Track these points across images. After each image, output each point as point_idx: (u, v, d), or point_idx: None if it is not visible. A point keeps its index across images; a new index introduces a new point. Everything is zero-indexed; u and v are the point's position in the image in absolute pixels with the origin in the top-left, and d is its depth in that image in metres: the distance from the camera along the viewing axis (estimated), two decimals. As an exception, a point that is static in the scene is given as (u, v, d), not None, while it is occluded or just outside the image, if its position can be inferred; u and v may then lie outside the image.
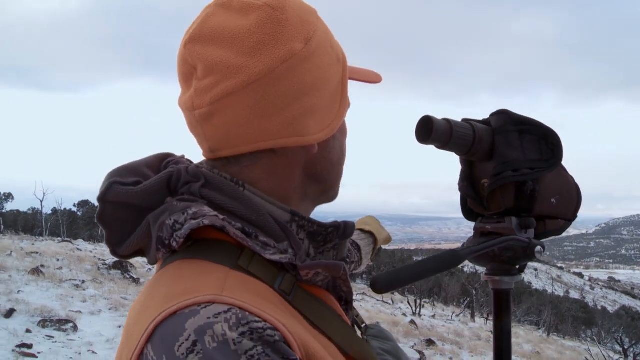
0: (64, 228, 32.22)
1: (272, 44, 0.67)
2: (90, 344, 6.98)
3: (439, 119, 0.90)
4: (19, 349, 6.19)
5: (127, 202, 0.70)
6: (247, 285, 0.64)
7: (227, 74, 0.67)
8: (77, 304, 8.89)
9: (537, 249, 0.91)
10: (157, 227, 0.67)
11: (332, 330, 0.69)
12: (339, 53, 0.76)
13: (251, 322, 0.57)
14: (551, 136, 0.94)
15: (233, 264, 0.66)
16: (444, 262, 0.80)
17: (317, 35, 0.72)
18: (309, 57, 0.70)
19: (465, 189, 1.00)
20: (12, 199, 41.21)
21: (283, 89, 0.68)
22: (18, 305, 7.88)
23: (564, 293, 68.85)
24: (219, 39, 0.68)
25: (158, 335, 0.58)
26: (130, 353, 0.60)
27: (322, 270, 0.68)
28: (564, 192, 0.97)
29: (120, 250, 0.72)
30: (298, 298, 0.68)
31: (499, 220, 0.95)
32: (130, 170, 0.74)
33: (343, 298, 0.77)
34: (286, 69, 0.68)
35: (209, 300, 0.59)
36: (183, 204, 0.68)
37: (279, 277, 0.68)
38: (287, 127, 0.70)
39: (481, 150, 0.94)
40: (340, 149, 0.81)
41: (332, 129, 0.75)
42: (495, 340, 0.96)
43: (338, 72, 0.75)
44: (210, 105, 0.68)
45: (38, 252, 13.60)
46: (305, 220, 0.73)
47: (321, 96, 0.72)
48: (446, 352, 12.15)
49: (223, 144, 0.71)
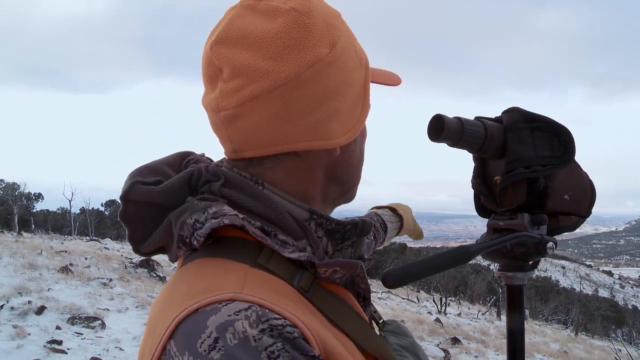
0: (92, 227, 32.80)
1: (298, 49, 0.68)
2: (118, 340, 7.09)
3: (450, 117, 0.91)
4: (49, 345, 6.33)
5: (149, 201, 0.72)
6: (266, 282, 0.65)
7: (254, 78, 0.68)
8: (104, 302, 9.04)
9: (549, 245, 0.91)
10: (179, 225, 0.69)
11: (349, 327, 0.70)
12: (362, 57, 0.77)
13: (271, 319, 0.58)
14: (563, 133, 0.94)
15: (252, 262, 0.67)
16: (454, 258, 0.81)
17: (341, 39, 0.73)
18: (334, 62, 0.71)
19: (478, 186, 1.01)
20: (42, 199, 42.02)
21: (308, 93, 0.69)
22: (48, 302, 8.05)
23: (593, 291, 67.54)
24: (246, 42, 0.69)
25: (180, 332, 0.59)
26: (152, 349, 0.62)
27: (340, 268, 0.69)
28: (577, 188, 0.97)
29: (142, 248, 0.74)
30: (316, 295, 0.69)
31: (511, 216, 0.96)
32: (152, 170, 0.76)
33: (361, 295, 0.78)
34: (312, 74, 0.68)
35: (229, 297, 0.60)
36: (203, 203, 0.69)
37: (298, 275, 0.69)
38: (311, 130, 0.71)
39: (493, 148, 0.95)
40: (360, 151, 0.82)
41: (355, 133, 0.76)
42: (509, 335, 0.97)
43: (361, 76, 0.76)
44: (236, 107, 0.69)
45: (67, 251, 13.83)
46: (324, 218, 0.74)
47: (345, 100, 0.73)
48: (472, 351, 12.03)
49: (247, 145, 0.72)
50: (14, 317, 7.27)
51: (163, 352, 0.60)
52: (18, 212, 30.24)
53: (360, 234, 0.77)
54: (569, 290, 52.99)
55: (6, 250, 11.95)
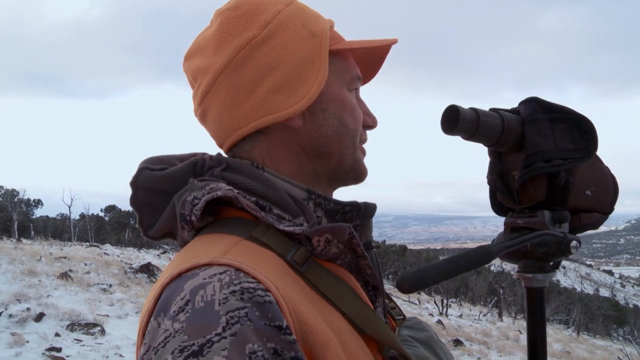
0: (92, 233, 32.75)
1: (229, 39, 0.76)
2: (118, 347, 7.05)
3: (465, 108, 0.86)
4: (48, 352, 6.28)
5: (156, 187, 0.76)
6: (254, 252, 0.66)
7: (202, 76, 0.78)
8: (104, 308, 9.00)
9: (573, 244, 0.86)
10: (180, 204, 0.72)
11: (346, 305, 0.68)
12: (314, 29, 0.79)
13: (243, 282, 0.59)
14: (585, 124, 0.89)
15: (247, 235, 0.69)
16: (474, 260, 0.75)
17: (278, 18, 0.77)
18: (267, 40, 0.76)
19: (494, 182, 0.95)
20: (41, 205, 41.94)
21: (246, 74, 0.75)
22: (47, 309, 8.00)
23: (594, 291, 67.68)
24: (197, 51, 0.80)
25: (163, 295, 0.62)
26: (144, 314, 0.65)
27: (330, 235, 0.68)
28: (599, 183, 0.92)
29: (151, 233, 0.77)
30: (312, 271, 0.69)
31: (530, 214, 0.90)
32: (161, 160, 0.80)
33: (370, 283, 0.75)
34: (243, 56, 0.75)
35: (207, 262, 0.62)
36: (202, 183, 0.73)
37: (293, 249, 0.69)
38: (259, 107, 0.75)
39: (510, 141, 0.89)
40: (337, 120, 0.79)
41: (308, 100, 0.76)
42: (530, 341, 0.91)
43: (311, 46, 0.77)
44: (200, 106, 0.80)
45: (66, 257, 13.82)
46: (322, 197, 0.76)
47: (287, 72, 0.76)
48: (474, 352, 12.00)
49: (222, 135, 0.80)
50: (12, 325, 7.22)
51: (151, 316, 0.62)
52: (17, 218, 30.16)
53: (364, 217, 0.78)
54: (569, 290, 53.10)
55: (5, 257, 11.91)
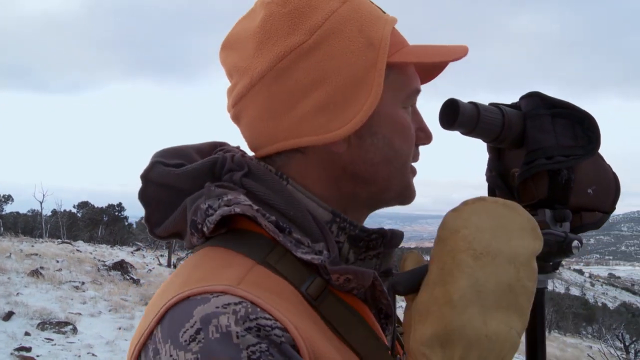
0: (64, 229, 32.17)
1: (272, 41, 0.66)
2: (90, 346, 6.93)
3: (465, 102, 0.82)
4: (17, 353, 6.14)
5: (169, 183, 0.70)
6: (268, 282, 0.61)
7: (238, 77, 0.70)
8: (76, 306, 8.84)
9: (574, 244, 0.83)
10: (192, 210, 0.66)
11: (358, 342, 0.63)
12: (372, 36, 0.68)
13: (260, 318, 0.55)
14: (587, 120, 0.86)
15: (261, 259, 0.63)
16: None
17: (331, 20, 0.66)
18: (315, 48, 0.66)
19: (494, 180, 0.92)
20: (11, 201, 41.14)
21: (288, 86, 0.66)
22: (17, 307, 7.82)
23: (565, 290, 68.96)
24: (234, 44, 0.71)
25: (167, 319, 0.57)
26: (141, 333, 0.60)
27: (352, 277, 0.63)
28: (601, 181, 0.89)
29: (158, 231, 0.71)
30: (327, 304, 0.63)
31: (531, 212, 0.87)
32: (177, 153, 0.74)
33: (383, 311, 0.70)
34: (287, 65, 0.66)
35: (222, 290, 0.57)
36: (220, 190, 0.66)
37: (308, 280, 0.63)
38: (299, 125, 0.67)
39: (511, 137, 0.86)
40: (387, 146, 0.70)
41: (355, 124, 0.66)
42: (528, 346, 0.88)
43: (366, 58, 0.67)
44: (234, 107, 0.72)
45: (38, 254, 13.56)
46: (347, 222, 0.69)
47: (334, 89, 0.66)
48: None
49: (254, 144, 0.73)
50: (-20, 324, 7.03)
51: (149, 337, 0.58)
52: (-14, 214, 29.51)
53: (388, 246, 0.71)
54: (541, 288, 53.91)
55: (-27, 253, 11.61)
